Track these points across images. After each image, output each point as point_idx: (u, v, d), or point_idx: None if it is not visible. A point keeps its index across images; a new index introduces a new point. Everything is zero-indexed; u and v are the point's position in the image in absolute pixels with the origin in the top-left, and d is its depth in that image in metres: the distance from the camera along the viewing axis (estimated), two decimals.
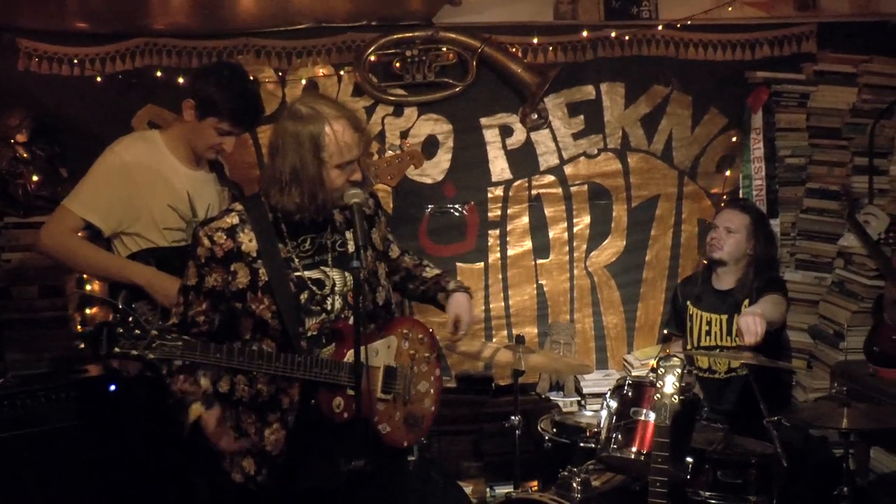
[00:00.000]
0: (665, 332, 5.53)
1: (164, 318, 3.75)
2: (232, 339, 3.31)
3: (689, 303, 5.09)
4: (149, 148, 4.06)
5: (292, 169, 3.15)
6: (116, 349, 2.95)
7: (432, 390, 3.57)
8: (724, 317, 4.89)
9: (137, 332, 2.97)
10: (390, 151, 4.89)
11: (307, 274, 3.30)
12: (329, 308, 3.31)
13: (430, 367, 3.57)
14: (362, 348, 3.14)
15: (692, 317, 5.04)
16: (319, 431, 3.27)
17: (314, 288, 3.29)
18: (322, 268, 3.33)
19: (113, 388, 4.49)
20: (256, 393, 3.29)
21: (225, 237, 3.23)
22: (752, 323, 4.16)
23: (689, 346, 5.06)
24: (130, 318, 3.00)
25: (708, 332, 4.94)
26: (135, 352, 2.97)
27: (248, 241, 3.24)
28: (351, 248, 3.36)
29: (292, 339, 3.23)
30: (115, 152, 4.03)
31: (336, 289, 3.33)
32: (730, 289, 4.92)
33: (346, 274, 3.34)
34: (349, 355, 3.24)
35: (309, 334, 3.29)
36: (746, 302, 4.80)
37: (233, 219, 3.27)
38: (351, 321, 3.29)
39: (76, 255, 3.99)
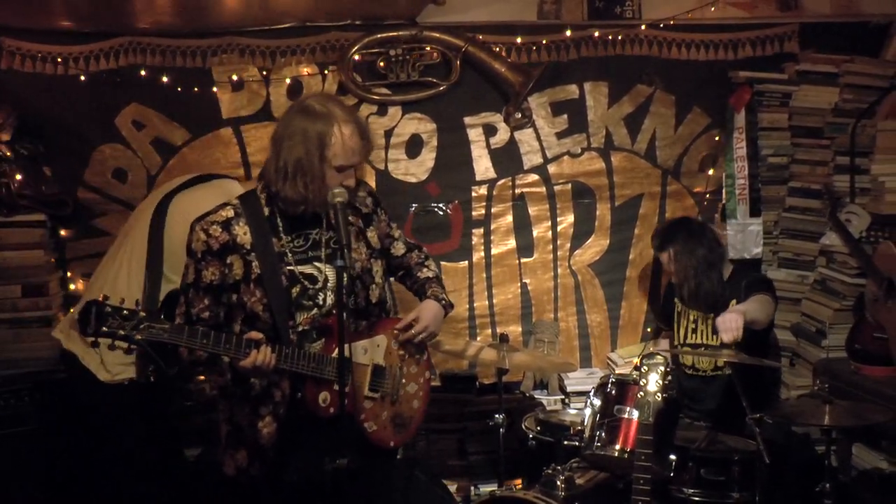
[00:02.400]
0: (649, 329, 5.54)
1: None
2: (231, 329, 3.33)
3: (676, 299, 5.11)
4: None
5: (297, 161, 3.19)
6: (104, 328, 2.94)
7: (421, 392, 3.58)
8: (712, 315, 4.87)
9: (126, 312, 2.98)
10: None
11: (300, 269, 3.32)
12: (321, 303, 3.33)
13: (420, 369, 3.59)
14: (348, 345, 3.16)
15: (680, 314, 5.07)
16: (308, 425, 3.29)
17: (306, 283, 3.32)
18: (315, 263, 3.35)
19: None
20: (249, 386, 3.30)
21: (220, 230, 3.26)
22: (730, 321, 4.18)
23: (676, 343, 5.08)
24: (120, 300, 3.01)
25: (694, 331, 4.96)
26: (122, 332, 2.97)
27: (243, 234, 3.27)
28: None
29: (281, 333, 3.25)
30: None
31: (329, 284, 3.35)
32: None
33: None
34: (336, 351, 3.26)
35: (300, 328, 3.31)
36: (734, 301, 4.82)
37: (228, 212, 3.30)
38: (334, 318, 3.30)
39: None
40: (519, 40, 5.54)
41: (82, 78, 5.23)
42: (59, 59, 5.20)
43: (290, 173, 3.20)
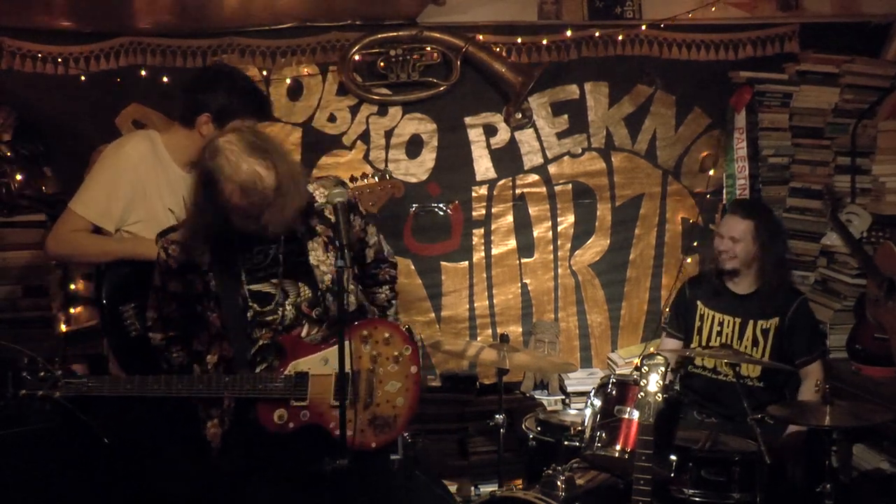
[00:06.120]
0: (664, 326, 5.40)
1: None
2: (202, 337, 3.43)
3: (699, 302, 5.00)
4: (153, 149, 4.09)
5: (202, 220, 3.24)
6: (23, 391, 3.05)
7: (406, 388, 3.56)
8: (739, 320, 4.85)
9: (42, 374, 3.05)
10: (374, 178, 4.90)
11: (255, 287, 3.36)
12: (280, 320, 3.35)
13: (403, 366, 3.56)
14: (307, 358, 3.33)
15: (703, 316, 4.97)
16: (261, 440, 3.33)
17: (258, 304, 3.36)
18: (272, 280, 3.38)
19: None
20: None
21: (178, 250, 3.33)
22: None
23: (694, 346, 5.00)
24: (39, 362, 3.08)
25: (719, 333, 4.89)
26: (41, 392, 3.07)
27: (201, 254, 3.31)
28: (312, 259, 3.41)
29: (236, 350, 3.32)
30: (124, 152, 4.06)
31: (288, 300, 3.37)
32: (748, 293, 4.86)
33: (300, 284, 3.41)
34: (289, 367, 3.32)
35: (261, 343, 3.35)
36: (772, 322, 4.78)
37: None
38: (296, 332, 3.38)
39: (86, 248, 4.01)
40: (519, 40, 5.54)
41: (82, 78, 5.22)
42: (60, 60, 5.19)
43: (201, 229, 3.26)
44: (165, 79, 5.25)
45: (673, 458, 3.86)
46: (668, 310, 5.48)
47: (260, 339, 3.35)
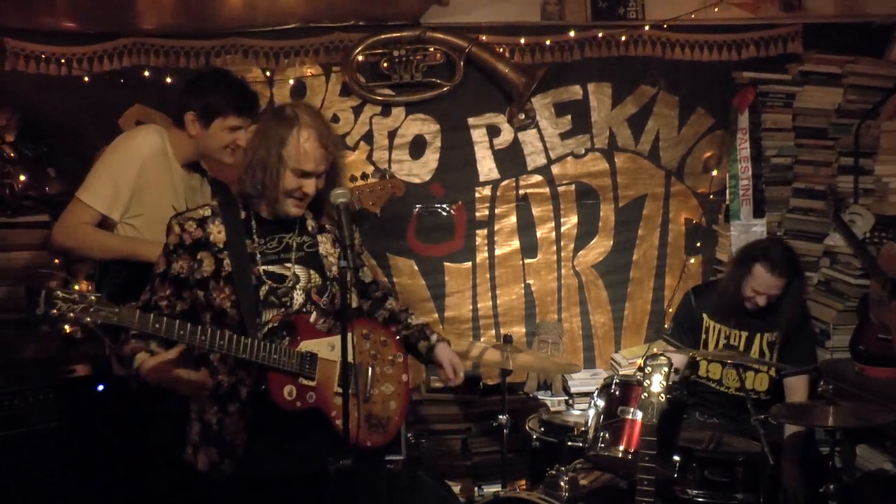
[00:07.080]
0: (665, 335, 5.34)
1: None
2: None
3: (705, 315, 4.95)
4: (163, 144, 4.13)
5: (258, 158, 3.32)
6: (54, 311, 2.99)
7: (399, 394, 3.57)
8: (746, 333, 4.83)
9: (76, 297, 3.02)
10: (374, 178, 4.91)
11: (269, 268, 3.39)
12: (290, 303, 3.37)
13: (397, 371, 3.59)
14: (316, 341, 3.32)
15: (708, 329, 4.93)
16: (273, 418, 3.31)
17: (272, 282, 3.37)
18: (285, 264, 3.41)
19: (101, 388, 4.50)
20: (217, 384, 3.35)
21: (195, 226, 3.36)
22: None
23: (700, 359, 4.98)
24: (72, 284, 3.05)
25: (727, 346, 4.85)
26: (72, 314, 3.02)
27: (217, 233, 3.36)
28: (321, 249, 3.48)
29: (247, 329, 3.29)
30: (136, 142, 4.10)
31: (299, 285, 3.40)
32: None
33: (311, 271, 3.44)
34: (301, 346, 3.31)
35: (270, 325, 3.35)
36: (776, 335, 4.77)
37: (205, 211, 3.42)
38: (307, 315, 3.38)
39: (90, 243, 4.03)
40: (522, 41, 5.54)
41: (86, 79, 5.23)
42: (63, 60, 5.20)
43: (252, 170, 3.33)
44: (169, 79, 5.25)
45: (676, 458, 3.86)
46: (669, 322, 5.39)
47: (269, 322, 3.36)
